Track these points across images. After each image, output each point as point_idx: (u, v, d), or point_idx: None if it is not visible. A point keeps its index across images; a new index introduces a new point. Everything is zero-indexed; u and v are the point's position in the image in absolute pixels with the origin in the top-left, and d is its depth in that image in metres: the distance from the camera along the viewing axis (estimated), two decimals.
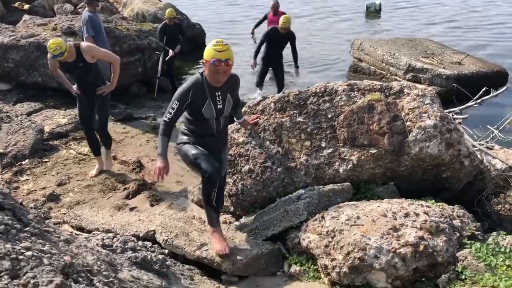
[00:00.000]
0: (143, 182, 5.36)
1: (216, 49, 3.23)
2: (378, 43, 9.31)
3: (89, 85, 5.23)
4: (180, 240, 3.68)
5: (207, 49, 3.27)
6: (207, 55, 3.26)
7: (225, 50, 3.24)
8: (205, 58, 3.28)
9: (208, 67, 3.29)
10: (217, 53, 3.22)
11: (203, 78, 3.40)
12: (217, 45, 3.24)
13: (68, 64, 5.09)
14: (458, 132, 3.83)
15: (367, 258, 2.86)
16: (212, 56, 3.22)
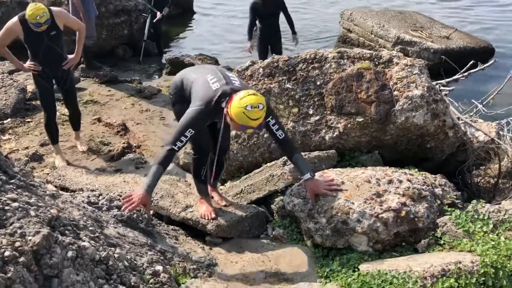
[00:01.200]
0: (128, 145, 5.33)
1: (252, 117, 2.71)
2: (368, 14, 9.24)
3: (55, 58, 4.60)
4: (166, 202, 3.70)
5: (237, 111, 2.71)
6: (237, 118, 2.73)
7: (258, 118, 2.74)
8: (234, 118, 2.75)
9: (234, 125, 2.84)
10: (250, 121, 2.72)
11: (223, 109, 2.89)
12: (254, 112, 2.70)
13: (36, 34, 4.37)
14: (444, 103, 3.87)
15: (350, 222, 2.92)
16: (244, 123, 2.73)
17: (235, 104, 2.74)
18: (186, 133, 2.89)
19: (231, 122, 2.84)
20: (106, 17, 8.05)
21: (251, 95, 2.76)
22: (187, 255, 3.04)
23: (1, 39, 4.42)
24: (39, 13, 4.21)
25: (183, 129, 2.91)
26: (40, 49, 4.49)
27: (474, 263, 2.42)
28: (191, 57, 8.09)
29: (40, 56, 4.52)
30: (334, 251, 3.00)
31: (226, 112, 2.83)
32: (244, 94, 2.76)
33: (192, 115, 2.92)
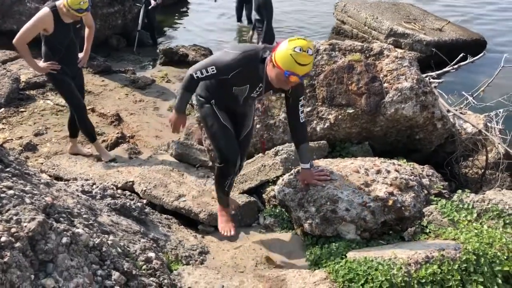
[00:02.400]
0: (121, 135, 5.37)
1: (300, 61, 2.48)
2: (362, 5, 9.28)
3: (75, 54, 4.46)
4: (159, 191, 3.75)
5: (284, 54, 2.50)
6: (283, 62, 2.51)
7: (308, 64, 2.53)
8: (278, 62, 2.53)
9: (276, 73, 2.58)
10: (298, 66, 2.49)
11: (262, 68, 2.69)
12: (302, 55, 2.47)
13: (64, 26, 4.21)
14: (433, 95, 3.94)
15: (338, 211, 2.99)
16: (290, 68, 2.50)
17: (283, 46, 2.52)
18: (209, 68, 2.75)
19: (274, 71, 2.58)
20: (99, 7, 8.05)
21: (301, 39, 2.54)
22: (179, 242, 3.11)
23: (29, 32, 4.15)
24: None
25: (209, 62, 2.80)
26: (64, 44, 4.28)
27: (457, 251, 2.50)
28: (185, 47, 8.11)
29: (63, 52, 4.30)
30: (323, 239, 3.08)
31: (269, 59, 2.60)
32: (294, 38, 2.55)
33: (225, 55, 2.75)
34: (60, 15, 4.15)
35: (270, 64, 2.62)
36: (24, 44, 4.16)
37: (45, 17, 4.12)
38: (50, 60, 4.29)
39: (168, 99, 6.49)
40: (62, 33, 4.23)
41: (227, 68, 2.73)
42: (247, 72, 2.73)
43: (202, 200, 3.67)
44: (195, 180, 4.04)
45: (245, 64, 2.71)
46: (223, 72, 2.75)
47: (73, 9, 4.06)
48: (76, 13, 4.09)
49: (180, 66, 7.73)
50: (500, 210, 2.82)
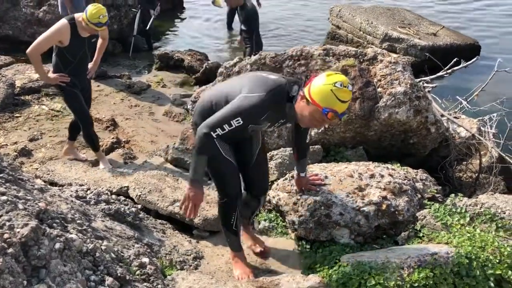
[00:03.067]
0: (117, 140, 5.38)
1: (341, 97, 2.24)
2: (357, 10, 9.33)
3: (85, 68, 4.47)
4: (153, 196, 3.75)
5: (323, 89, 2.25)
6: (322, 98, 2.25)
7: (348, 101, 2.30)
8: (315, 99, 2.27)
9: (312, 111, 2.30)
10: (339, 103, 2.25)
11: (290, 107, 2.42)
12: (343, 90, 2.24)
13: (79, 40, 4.21)
14: (427, 100, 3.97)
15: (332, 215, 3.00)
16: (330, 105, 2.24)
17: (320, 81, 2.27)
18: (233, 121, 2.36)
19: (308, 109, 2.31)
20: None
21: (340, 74, 2.33)
22: (174, 248, 3.11)
23: (45, 43, 4.13)
24: (103, 12, 4.05)
25: (230, 114, 2.38)
26: (76, 57, 4.29)
27: (449, 254, 2.51)
28: (180, 52, 8.13)
29: (74, 64, 4.30)
30: (317, 243, 3.09)
31: (301, 96, 2.33)
32: (329, 72, 2.33)
33: (248, 101, 2.37)
34: (78, 29, 4.14)
35: (301, 101, 2.34)
36: (38, 54, 4.14)
37: (62, 29, 4.11)
38: (60, 71, 4.29)
39: (164, 104, 6.50)
40: (77, 46, 4.23)
41: (256, 115, 2.38)
42: (276, 113, 2.46)
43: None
44: None
45: (274, 106, 2.40)
46: (252, 121, 2.41)
47: (92, 23, 4.04)
48: (95, 27, 4.07)
49: (175, 71, 7.75)
50: (492, 214, 2.84)
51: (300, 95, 2.35)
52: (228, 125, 2.37)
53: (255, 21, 6.84)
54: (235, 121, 2.36)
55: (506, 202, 2.90)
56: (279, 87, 2.41)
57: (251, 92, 2.41)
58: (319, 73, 2.42)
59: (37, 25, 7.88)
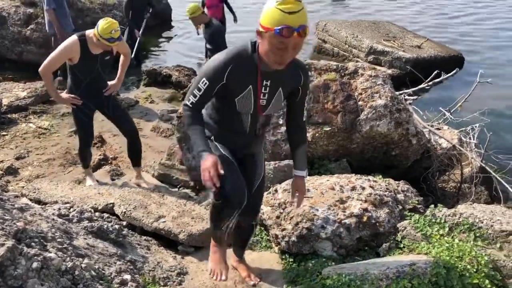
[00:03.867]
0: (104, 157, 5.39)
1: (285, 8, 2.01)
2: (342, 25, 9.47)
3: (100, 87, 4.29)
4: (138, 212, 3.77)
5: (268, 9, 2.05)
6: (268, 19, 2.04)
7: (299, 11, 2.02)
8: (265, 24, 2.07)
9: (268, 39, 2.08)
10: (287, 15, 2.00)
11: (254, 51, 2.25)
12: (287, 2, 2.01)
13: (91, 57, 4.05)
14: (407, 112, 4.04)
15: (314, 228, 3.03)
16: (279, 21, 2.01)
17: (265, 6, 2.09)
18: (200, 84, 2.28)
19: (265, 41, 2.10)
20: (83, 29, 8.10)
21: None
22: (157, 264, 3.12)
23: (55, 61, 4.02)
24: (115, 27, 3.87)
25: (197, 79, 2.32)
26: (88, 76, 4.15)
27: (428, 265, 2.55)
28: (168, 68, 8.19)
29: (86, 83, 4.17)
30: (300, 256, 3.11)
31: (256, 32, 2.15)
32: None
33: (210, 61, 2.30)
34: (88, 45, 3.98)
35: (259, 40, 2.16)
36: (49, 73, 4.05)
37: (72, 46, 3.96)
38: (73, 92, 4.20)
39: (152, 120, 6.53)
40: (88, 64, 4.09)
41: (217, 70, 2.25)
42: (243, 64, 2.25)
43: (182, 220, 3.69)
44: (175, 200, 4.06)
45: (237, 57, 2.25)
46: (217, 78, 2.26)
47: (104, 39, 3.87)
48: (107, 42, 3.90)
49: (163, 87, 7.80)
50: (470, 224, 2.88)
51: (256, 33, 2.16)
52: (197, 89, 2.30)
53: (221, 39, 6.70)
54: (202, 83, 2.28)
55: (484, 211, 2.95)
56: (240, 43, 2.33)
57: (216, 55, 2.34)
58: None
59: (24, 43, 7.93)
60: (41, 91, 6.70)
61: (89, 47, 3.99)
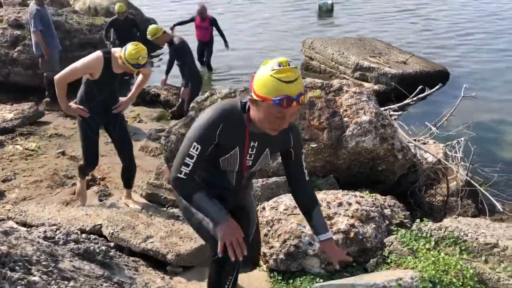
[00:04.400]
0: (92, 178, 5.37)
1: (283, 78, 1.90)
2: (329, 42, 9.60)
3: (111, 103, 4.22)
4: (126, 233, 3.75)
5: (264, 77, 1.94)
6: (265, 88, 1.93)
7: (296, 79, 1.93)
8: (261, 94, 1.94)
9: (265, 109, 1.97)
10: (285, 85, 1.90)
11: (244, 112, 2.11)
12: (284, 70, 1.91)
13: (111, 75, 3.99)
14: (392, 128, 4.10)
15: (301, 245, 3.04)
16: (277, 91, 1.90)
17: (259, 73, 1.97)
18: (192, 151, 2.10)
19: (260, 109, 1.98)
20: (70, 51, 8.14)
21: (275, 58, 2.00)
22: (145, 285, 3.09)
23: (74, 73, 3.96)
24: (143, 54, 3.84)
25: (186, 145, 2.13)
26: (102, 93, 4.07)
27: (414, 279, 2.56)
28: (156, 87, 8.22)
29: (98, 99, 4.09)
30: (288, 274, 3.11)
31: (250, 99, 2.03)
32: (265, 61, 2.02)
33: (197, 122, 2.14)
34: (112, 63, 3.93)
35: (252, 106, 2.03)
36: (65, 83, 3.96)
37: (95, 62, 3.90)
38: (83, 104, 4.10)
39: (140, 139, 6.52)
40: (107, 81, 4.01)
41: (209, 128, 2.09)
42: (232, 126, 2.10)
43: (170, 240, 3.67)
44: (163, 220, 4.05)
45: (227, 115, 2.10)
46: (209, 138, 2.10)
47: (129, 63, 3.83)
48: (132, 67, 3.88)
49: (152, 106, 7.82)
50: (456, 237, 2.91)
51: (249, 100, 2.05)
52: (189, 157, 2.10)
53: (186, 54, 6.64)
54: (193, 149, 2.10)
55: (469, 225, 2.99)
56: (228, 101, 2.23)
57: (202, 113, 2.22)
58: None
59: (11, 65, 7.93)
60: (28, 113, 6.69)
61: (112, 65, 3.93)
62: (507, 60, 10.21)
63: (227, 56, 10.24)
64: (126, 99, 4.35)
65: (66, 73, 3.92)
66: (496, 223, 3.17)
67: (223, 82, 9.16)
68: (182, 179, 2.13)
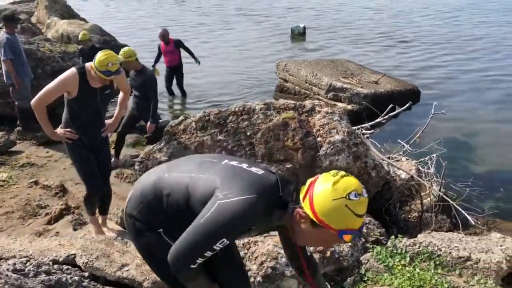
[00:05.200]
0: (66, 207, 5.26)
1: (358, 211, 1.67)
2: (302, 64, 9.77)
3: (98, 124, 3.99)
4: (101, 262, 3.66)
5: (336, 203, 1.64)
6: (335, 216, 1.65)
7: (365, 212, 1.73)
8: (326, 220, 1.65)
9: (320, 234, 1.71)
10: (357, 219, 1.68)
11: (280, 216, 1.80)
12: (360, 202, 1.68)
13: (90, 91, 3.79)
14: (365, 146, 4.16)
15: (279, 267, 3.02)
16: (347, 224, 1.66)
17: (327, 194, 1.65)
18: (217, 245, 1.71)
19: (316, 231, 1.70)
20: (43, 79, 8.03)
21: (347, 176, 1.74)
22: None
23: (50, 94, 3.70)
24: (112, 60, 3.64)
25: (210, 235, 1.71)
26: (86, 111, 3.85)
27: None
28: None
29: (83, 119, 3.87)
30: None
31: (300, 214, 1.72)
32: (334, 176, 1.73)
33: (233, 211, 1.69)
34: (88, 78, 3.74)
35: (302, 221, 1.73)
36: (42, 106, 3.72)
37: (69, 79, 3.69)
38: (69, 126, 3.89)
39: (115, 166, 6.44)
40: (87, 98, 3.80)
41: (244, 226, 1.75)
42: (266, 222, 1.82)
43: (146, 268, 3.60)
44: None
45: (266, 212, 1.75)
46: (239, 234, 1.83)
47: (99, 71, 3.64)
48: (103, 75, 3.66)
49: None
50: (430, 252, 2.94)
51: (299, 214, 1.73)
52: (210, 250, 1.72)
53: (151, 89, 6.26)
54: (220, 244, 1.71)
55: (442, 239, 3.03)
56: (270, 188, 1.76)
57: (233, 195, 1.71)
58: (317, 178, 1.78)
59: None
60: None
61: (88, 80, 3.75)
62: (475, 79, 10.59)
63: (200, 79, 10.31)
64: (112, 121, 4.19)
65: (41, 95, 3.72)
66: (468, 237, 3.23)
67: (198, 106, 9.19)
68: (192, 269, 1.78)
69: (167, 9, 21.43)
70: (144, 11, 20.83)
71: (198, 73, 9.54)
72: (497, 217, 5.05)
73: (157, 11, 20.84)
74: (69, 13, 14.03)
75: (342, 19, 17.98)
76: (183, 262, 1.77)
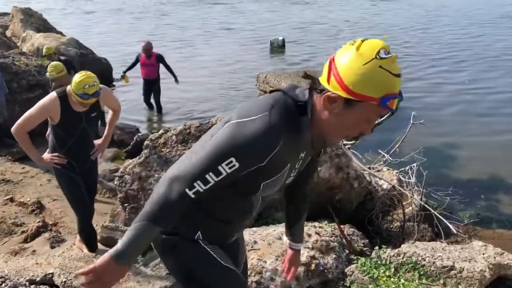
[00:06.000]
0: (43, 224, 5.12)
1: (394, 70, 1.43)
2: (282, 76, 9.82)
3: (86, 147, 3.82)
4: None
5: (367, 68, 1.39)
6: (372, 83, 1.40)
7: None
8: (362, 91, 1.40)
9: (361, 111, 1.44)
10: (396, 79, 1.44)
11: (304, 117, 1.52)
12: (393, 59, 1.43)
13: (74, 115, 3.59)
14: (346, 157, 4.16)
15: (263, 281, 2.98)
16: (387, 88, 1.42)
17: (354, 61, 1.42)
18: (222, 166, 1.47)
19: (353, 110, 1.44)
20: (18, 93, 7.90)
21: (366, 39, 1.47)
22: None
23: (30, 120, 3.50)
24: (89, 81, 3.40)
25: (215, 153, 1.47)
26: (73, 136, 3.67)
27: None
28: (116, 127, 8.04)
29: (70, 144, 3.70)
30: None
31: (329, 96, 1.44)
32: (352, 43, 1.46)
33: (245, 129, 1.45)
34: (70, 102, 3.55)
35: (336, 106, 1.45)
36: (24, 133, 3.52)
37: (50, 105, 3.51)
38: (56, 151, 3.72)
39: None
40: (71, 123, 3.62)
41: (263, 149, 1.46)
42: (290, 143, 1.51)
43: (127, 285, 3.52)
44: None
45: (286, 131, 1.48)
46: (254, 161, 1.49)
47: (76, 94, 3.42)
48: (80, 99, 3.43)
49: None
50: (414, 262, 2.94)
51: (328, 98, 1.45)
52: (214, 172, 1.47)
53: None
54: (227, 165, 1.45)
55: (426, 249, 3.03)
56: (282, 99, 1.52)
57: (245, 116, 1.48)
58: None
59: None
60: None
61: (70, 104, 3.56)
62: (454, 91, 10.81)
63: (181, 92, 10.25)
64: (101, 142, 4.01)
65: (22, 122, 3.51)
66: (451, 246, 3.24)
67: (178, 119, 9.12)
68: (190, 197, 1.50)
69: (145, 23, 21.35)
70: (122, 25, 20.71)
71: (178, 87, 9.46)
72: (478, 225, 5.12)
73: (135, 25, 20.74)
74: (45, 26, 13.83)
75: (321, 32, 18.19)
76: (178, 179, 1.50)
